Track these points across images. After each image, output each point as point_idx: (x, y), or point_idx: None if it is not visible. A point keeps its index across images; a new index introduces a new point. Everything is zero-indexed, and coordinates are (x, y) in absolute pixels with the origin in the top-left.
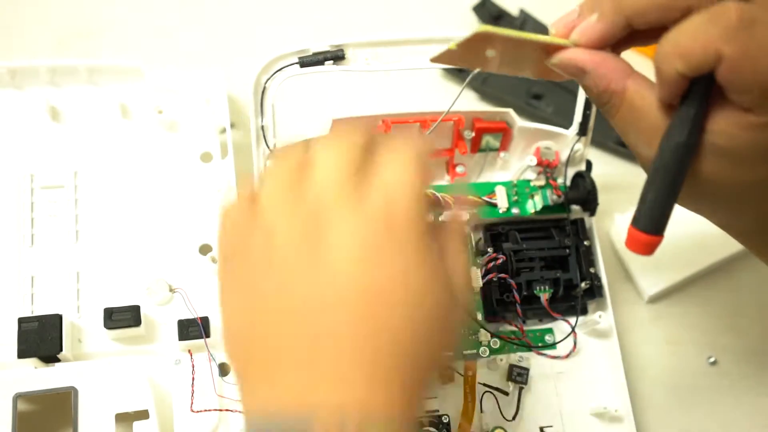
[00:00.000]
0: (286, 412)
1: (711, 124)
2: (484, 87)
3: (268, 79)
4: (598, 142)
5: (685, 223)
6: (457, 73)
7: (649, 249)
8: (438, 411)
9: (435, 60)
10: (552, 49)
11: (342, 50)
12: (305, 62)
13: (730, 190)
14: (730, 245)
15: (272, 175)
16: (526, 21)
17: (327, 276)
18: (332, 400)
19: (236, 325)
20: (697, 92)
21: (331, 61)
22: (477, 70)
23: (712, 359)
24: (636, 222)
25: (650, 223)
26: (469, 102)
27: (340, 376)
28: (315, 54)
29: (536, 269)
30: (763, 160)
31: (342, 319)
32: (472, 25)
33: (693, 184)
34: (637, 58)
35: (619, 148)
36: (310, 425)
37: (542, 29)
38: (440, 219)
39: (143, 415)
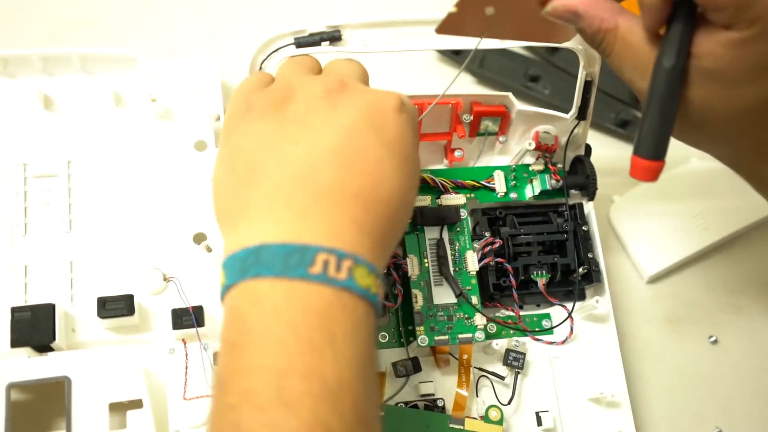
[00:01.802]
0: (286, 239)
1: (696, 48)
2: (481, 70)
3: (264, 59)
4: (596, 124)
5: (684, 203)
6: (455, 56)
7: (652, 174)
8: (434, 395)
9: (439, 30)
10: None
11: (339, 31)
12: (301, 43)
13: (722, 116)
14: (730, 224)
15: (288, 63)
16: None
17: (332, 134)
18: (328, 241)
19: (232, 176)
20: (680, 16)
21: (328, 42)
22: (475, 48)
23: (712, 338)
24: (637, 150)
25: (651, 149)
26: (466, 85)
27: (336, 225)
28: (311, 35)
29: (534, 254)
30: (748, 80)
31: (337, 179)
32: None
33: (687, 113)
34: None
35: (618, 129)
36: (312, 254)
37: None
38: None
39: (137, 404)
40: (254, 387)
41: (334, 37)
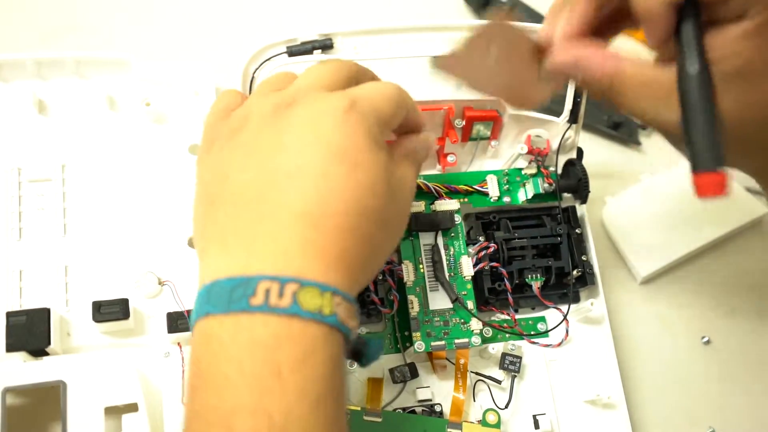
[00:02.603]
0: (234, 272)
1: (712, 52)
2: None
3: (257, 69)
4: (588, 126)
5: (676, 204)
6: None
7: (720, 187)
8: (431, 400)
9: (435, 64)
10: (543, 50)
11: (330, 39)
12: (294, 51)
13: (757, 119)
14: (722, 225)
15: (260, 84)
16: (515, 6)
17: (275, 155)
18: (273, 268)
19: (199, 209)
20: (689, 20)
21: (320, 50)
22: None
23: (705, 339)
24: (696, 167)
25: (710, 159)
26: (461, 90)
27: (281, 249)
28: (303, 43)
29: (528, 257)
30: None
31: (282, 201)
32: (460, 13)
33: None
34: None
35: (611, 131)
36: (254, 284)
37: (531, 14)
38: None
39: (132, 408)
40: (207, 428)
41: (325, 45)
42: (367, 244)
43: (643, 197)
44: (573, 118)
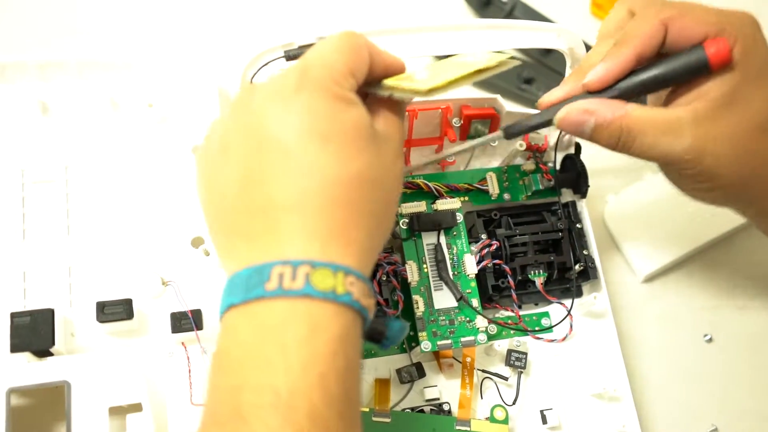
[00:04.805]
0: (251, 265)
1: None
2: None
3: (255, 74)
4: None
5: (678, 203)
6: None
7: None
8: (439, 399)
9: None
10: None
11: None
12: (291, 56)
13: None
14: (724, 223)
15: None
16: (515, 6)
17: (243, 154)
18: (281, 254)
19: (213, 214)
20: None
21: None
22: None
23: (708, 336)
24: None
25: None
26: (461, 88)
27: (287, 239)
28: (301, 47)
29: (530, 254)
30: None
31: (275, 197)
32: (461, 12)
33: (710, 187)
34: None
35: None
36: (268, 270)
37: (532, 14)
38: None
39: (137, 407)
40: (216, 406)
41: None
42: (365, 212)
43: (646, 195)
44: None
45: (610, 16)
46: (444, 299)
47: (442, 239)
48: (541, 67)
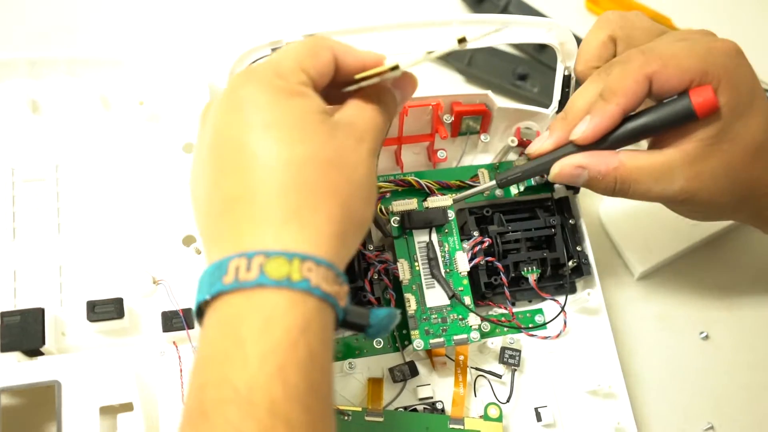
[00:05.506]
0: (213, 261)
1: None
2: (470, 69)
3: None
4: None
5: None
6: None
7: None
8: (432, 397)
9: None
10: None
11: None
12: None
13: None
14: (720, 221)
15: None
16: (510, 2)
17: (206, 152)
18: (236, 247)
19: (195, 217)
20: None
21: None
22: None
23: (703, 334)
24: None
25: None
26: (455, 84)
27: (239, 230)
28: (288, 44)
29: (523, 250)
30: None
31: (225, 190)
32: (457, 8)
33: (707, 214)
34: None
35: None
36: (225, 265)
37: (527, 10)
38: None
39: (128, 407)
40: (187, 403)
41: None
42: (321, 194)
43: None
44: (561, 109)
45: (590, 41)
46: (436, 297)
47: (434, 237)
48: (535, 63)
